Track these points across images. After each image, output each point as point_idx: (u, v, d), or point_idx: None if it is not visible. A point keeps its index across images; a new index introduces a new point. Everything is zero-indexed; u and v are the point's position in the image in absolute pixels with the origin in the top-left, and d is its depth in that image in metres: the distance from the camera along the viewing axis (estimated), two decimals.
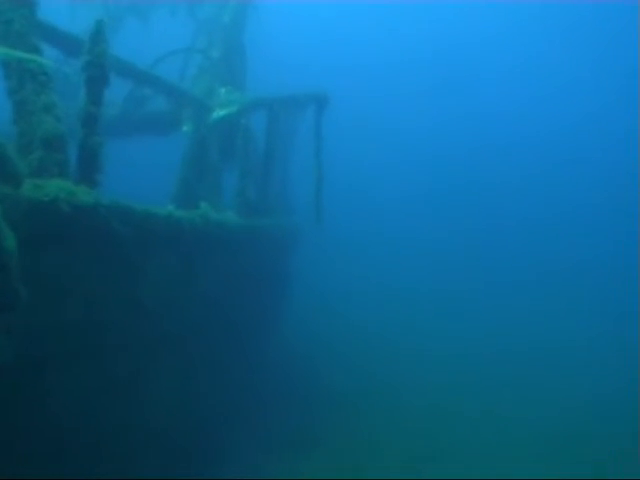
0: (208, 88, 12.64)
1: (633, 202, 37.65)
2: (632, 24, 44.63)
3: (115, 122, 13.12)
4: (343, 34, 57.14)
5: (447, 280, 27.94)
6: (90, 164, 6.05)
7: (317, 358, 15.84)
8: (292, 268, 15.53)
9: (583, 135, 50.66)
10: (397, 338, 18.55)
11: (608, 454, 10.41)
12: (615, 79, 50.16)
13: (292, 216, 15.45)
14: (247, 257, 10.53)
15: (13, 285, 4.09)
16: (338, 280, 26.31)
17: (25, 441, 5.36)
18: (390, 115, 54.24)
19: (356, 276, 27.51)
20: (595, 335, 19.28)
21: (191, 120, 11.91)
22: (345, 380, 14.08)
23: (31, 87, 6.01)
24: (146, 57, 12.45)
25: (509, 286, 26.88)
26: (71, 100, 15.93)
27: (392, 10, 56.90)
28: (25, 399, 5.36)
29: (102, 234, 5.82)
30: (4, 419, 5.11)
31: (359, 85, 52.28)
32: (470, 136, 53.18)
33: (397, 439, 10.85)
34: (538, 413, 12.61)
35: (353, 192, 41.69)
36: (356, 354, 16.54)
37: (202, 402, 9.30)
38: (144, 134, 13.37)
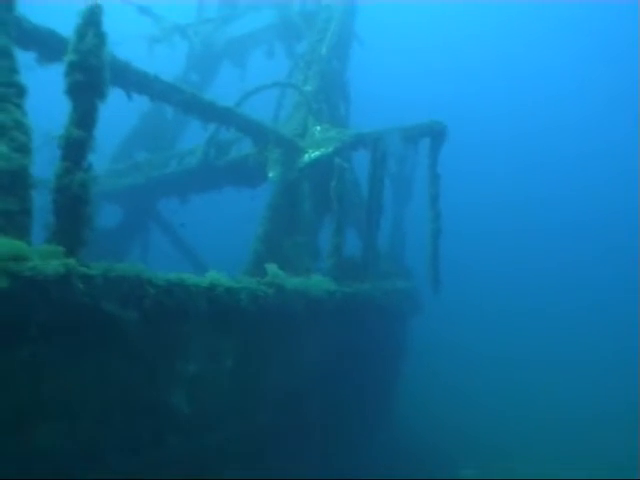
0: (301, 126, 10.55)
1: None
2: None
3: (195, 172, 11.37)
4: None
5: None
6: (71, 213, 3.92)
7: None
8: (407, 343, 12.78)
9: None
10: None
11: None
12: None
13: (408, 279, 12.76)
14: (345, 333, 8.11)
15: None
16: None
17: None
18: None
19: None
20: None
21: (279, 164, 9.84)
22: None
23: None
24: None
25: None
26: (168, 147, 14.73)
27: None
28: None
29: (84, 321, 3.67)
30: None
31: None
32: None
33: None
34: None
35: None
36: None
37: None
38: (228, 185, 11.50)
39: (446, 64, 58.10)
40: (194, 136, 12.93)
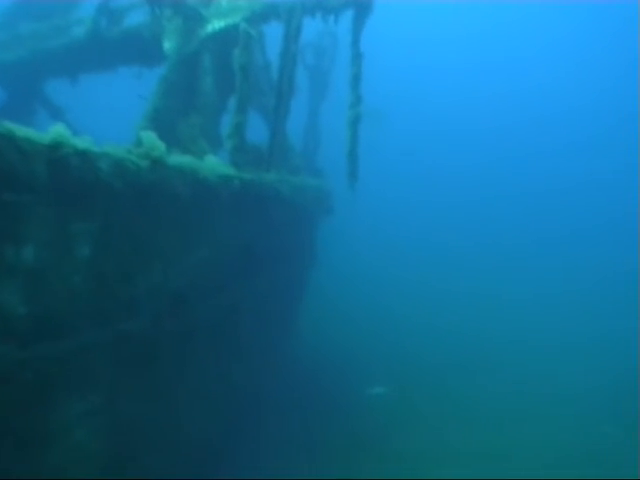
0: None
1: None
2: None
3: (83, 46, 9.79)
4: None
5: None
6: None
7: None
8: (315, 245, 11.78)
9: None
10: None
11: None
12: None
13: (318, 175, 11.68)
14: (243, 229, 7.04)
15: None
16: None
17: None
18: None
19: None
20: None
21: (177, 34, 8.44)
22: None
23: None
24: None
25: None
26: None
27: None
28: None
29: None
30: None
31: None
32: None
33: None
34: None
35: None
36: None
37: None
38: (122, 62, 10.00)
39: None
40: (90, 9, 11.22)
